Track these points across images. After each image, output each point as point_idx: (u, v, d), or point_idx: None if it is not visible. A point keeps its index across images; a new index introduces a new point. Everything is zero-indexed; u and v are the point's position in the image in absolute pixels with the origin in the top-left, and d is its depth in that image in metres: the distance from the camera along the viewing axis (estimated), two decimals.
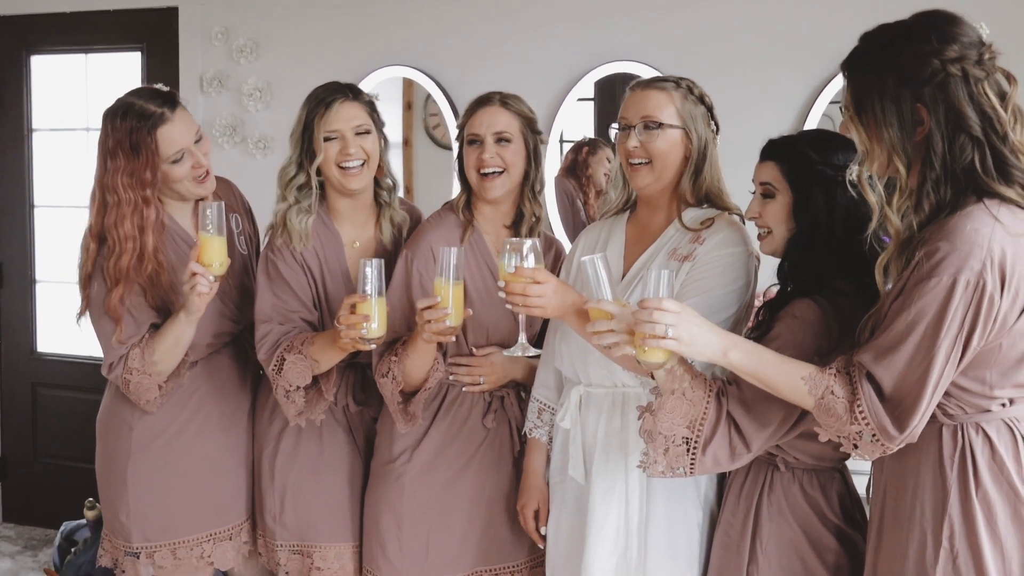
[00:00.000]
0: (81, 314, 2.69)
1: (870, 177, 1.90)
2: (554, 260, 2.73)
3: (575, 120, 3.92)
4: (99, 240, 2.63)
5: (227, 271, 2.53)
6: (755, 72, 3.61)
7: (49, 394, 4.72)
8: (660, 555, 2.27)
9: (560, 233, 3.86)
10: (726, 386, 2.03)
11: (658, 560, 2.27)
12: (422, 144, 4.16)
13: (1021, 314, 1.79)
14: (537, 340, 2.67)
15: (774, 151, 2.19)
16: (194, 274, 2.44)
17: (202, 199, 2.70)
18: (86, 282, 2.65)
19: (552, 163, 3.90)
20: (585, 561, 2.31)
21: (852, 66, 1.89)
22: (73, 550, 3.79)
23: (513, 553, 2.67)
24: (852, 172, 1.93)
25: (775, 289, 2.23)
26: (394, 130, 4.14)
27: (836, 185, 2.10)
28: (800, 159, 2.14)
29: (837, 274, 2.09)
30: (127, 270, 2.57)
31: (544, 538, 2.55)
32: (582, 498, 2.38)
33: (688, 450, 1.99)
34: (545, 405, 2.57)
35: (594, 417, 2.37)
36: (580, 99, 3.85)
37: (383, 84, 4.08)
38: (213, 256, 2.44)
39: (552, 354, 2.51)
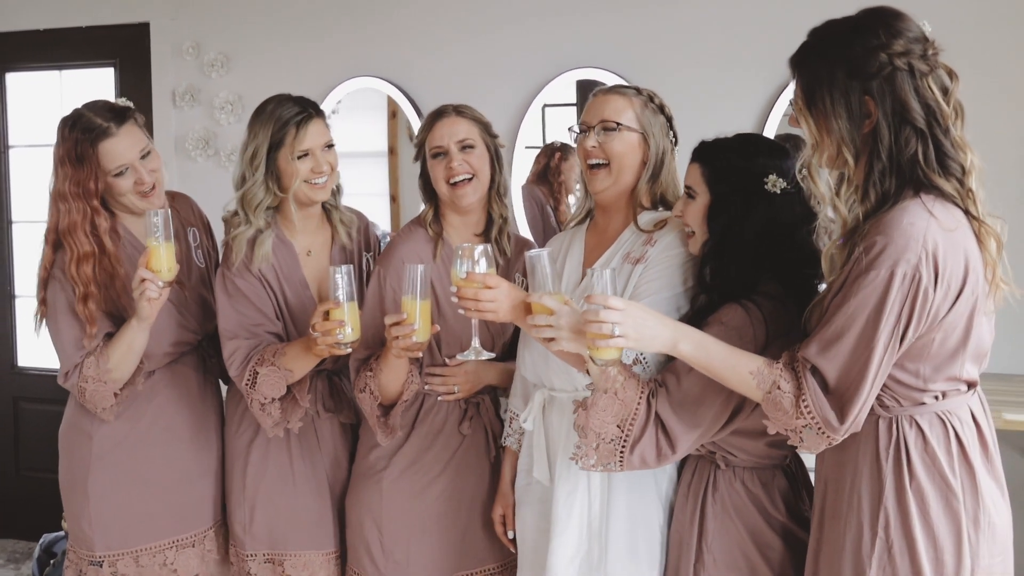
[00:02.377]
0: (39, 319, 2.73)
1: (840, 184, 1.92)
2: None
3: (542, 127, 3.96)
4: (53, 245, 2.67)
5: (181, 279, 2.56)
6: (717, 75, 3.66)
7: (30, 408, 4.74)
8: (621, 556, 2.29)
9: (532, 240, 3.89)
10: (657, 387, 2.06)
11: (619, 561, 2.29)
12: (407, 152, 4.16)
13: (951, 308, 1.83)
14: (509, 348, 2.71)
15: (701, 153, 2.20)
16: (143, 280, 2.47)
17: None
18: (41, 286, 2.70)
19: (519, 170, 3.94)
20: (549, 562, 2.33)
21: (801, 60, 1.92)
22: (52, 562, 3.82)
23: (491, 556, 2.69)
24: (802, 163, 1.95)
25: None
26: (379, 139, 4.21)
27: (755, 192, 2.11)
28: (721, 164, 2.15)
29: (763, 278, 2.10)
30: (85, 274, 2.61)
31: (513, 541, 2.58)
32: (547, 500, 2.40)
33: (618, 448, 2.03)
34: (516, 414, 2.60)
35: (557, 420, 2.39)
36: (546, 105, 3.89)
37: (366, 93, 4.12)
38: (161, 262, 2.47)
39: (519, 361, 2.55)
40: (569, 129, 2.48)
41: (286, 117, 2.61)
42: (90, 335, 2.64)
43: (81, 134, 2.61)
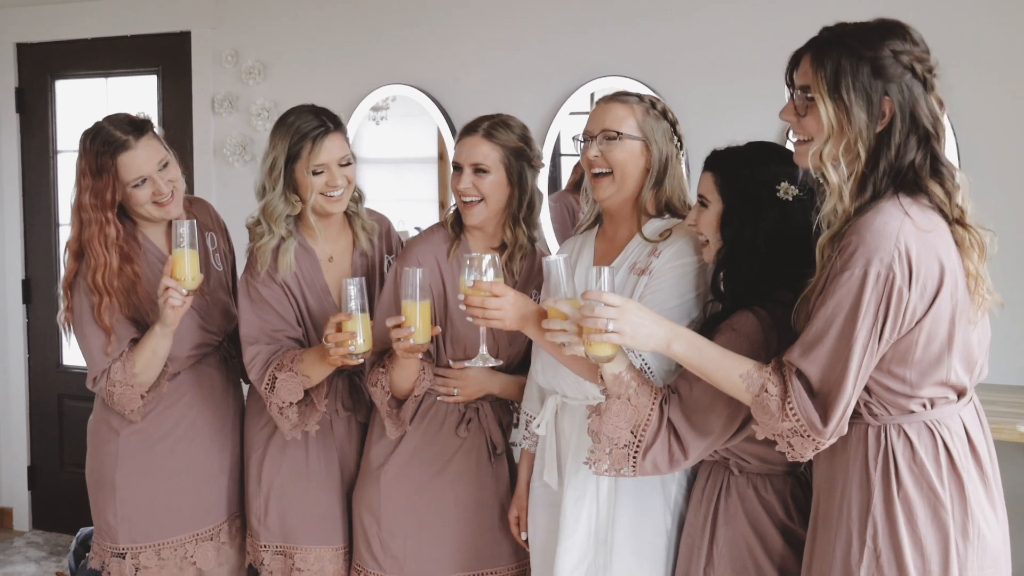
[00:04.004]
0: (65, 325, 2.81)
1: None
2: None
3: (568, 133, 3.99)
4: (76, 254, 2.75)
5: (203, 287, 2.62)
6: (741, 83, 3.66)
7: (75, 406, 4.85)
8: (626, 562, 2.31)
9: (556, 249, 3.87)
10: (670, 394, 2.07)
11: (624, 567, 2.30)
12: None
13: (928, 309, 1.84)
14: (524, 355, 2.73)
15: (712, 162, 2.21)
16: (167, 288, 2.55)
17: (170, 220, 2.77)
18: (65, 293, 2.78)
19: (545, 175, 3.96)
20: (555, 567, 2.36)
21: (823, 50, 1.91)
22: (88, 555, 3.93)
23: (497, 558, 2.73)
24: (816, 151, 1.93)
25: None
26: (429, 145, 4.24)
27: (766, 200, 2.11)
28: (732, 172, 2.16)
29: (777, 285, 2.10)
30: (104, 284, 2.68)
31: (528, 543, 2.61)
32: (558, 504, 2.42)
33: (630, 454, 2.05)
34: (531, 418, 2.62)
35: (569, 425, 2.42)
36: (572, 112, 3.93)
37: (417, 101, 4.16)
38: (185, 271, 2.54)
39: (532, 368, 2.57)
40: (573, 138, 2.50)
41: (304, 130, 2.64)
42: (107, 347, 2.71)
43: (102, 146, 2.68)
